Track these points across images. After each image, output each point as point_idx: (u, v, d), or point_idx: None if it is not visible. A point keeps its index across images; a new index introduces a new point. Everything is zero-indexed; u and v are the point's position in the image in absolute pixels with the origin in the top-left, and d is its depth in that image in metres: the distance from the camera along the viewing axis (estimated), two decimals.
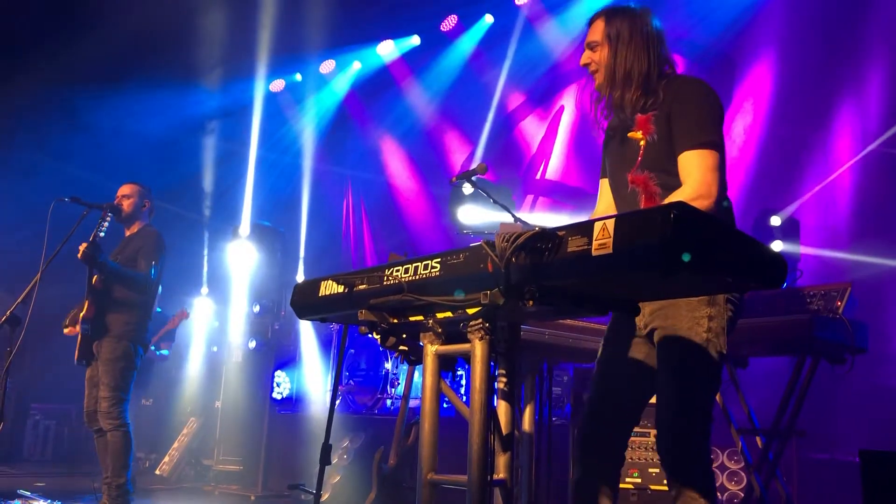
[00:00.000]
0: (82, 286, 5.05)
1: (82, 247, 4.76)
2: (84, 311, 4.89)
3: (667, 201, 2.39)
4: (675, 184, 2.44)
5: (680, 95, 2.49)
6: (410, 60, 9.09)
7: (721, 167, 2.41)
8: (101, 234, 4.87)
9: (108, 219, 4.93)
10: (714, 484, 2.44)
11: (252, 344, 7.39)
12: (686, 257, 1.68)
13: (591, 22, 2.66)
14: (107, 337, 4.89)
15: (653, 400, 2.52)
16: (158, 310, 6.07)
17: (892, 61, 5.86)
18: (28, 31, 8.05)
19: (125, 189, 5.24)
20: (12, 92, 8.10)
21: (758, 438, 3.85)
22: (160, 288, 5.27)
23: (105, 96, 8.43)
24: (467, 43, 8.65)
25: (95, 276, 4.92)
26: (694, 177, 2.38)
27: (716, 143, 2.41)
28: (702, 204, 2.29)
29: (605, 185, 2.78)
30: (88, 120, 8.52)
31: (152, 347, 7.57)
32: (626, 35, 2.55)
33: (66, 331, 5.27)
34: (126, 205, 5.18)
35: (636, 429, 4.26)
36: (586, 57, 2.66)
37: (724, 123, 2.51)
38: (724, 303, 2.44)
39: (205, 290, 9.31)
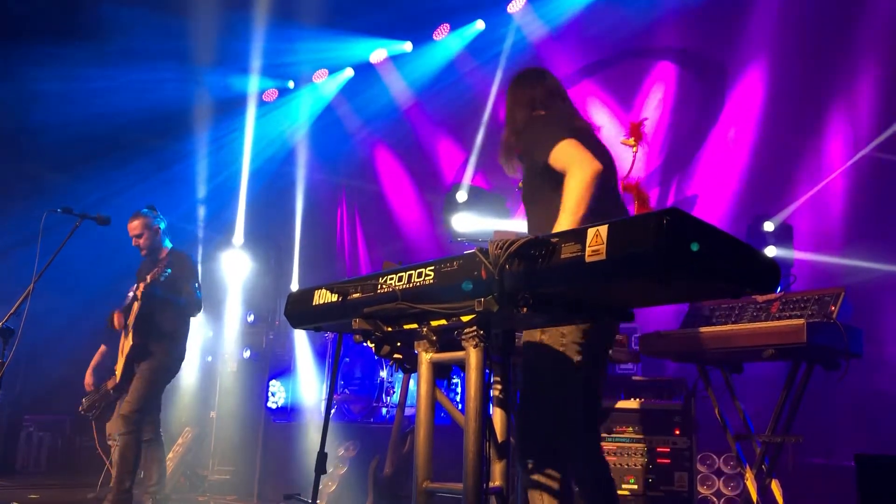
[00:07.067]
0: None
1: (141, 286, 4.86)
2: (113, 382, 5.13)
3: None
4: None
5: None
6: (403, 68, 9.10)
7: None
8: (163, 278, 4.91)
9: (169, 269, 4.98)
10: (556, 466, 2.63)
11: (246, 353, 7.37)
12: (695, 246, 1.68)
13: None
14: (150, 359, 5.02)
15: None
16: None
17: (882, 66, 5.88)
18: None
19: (134, 228, 5.21)
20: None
21: (754, 443, 3.85)
22: None
23: (97, 96, 8.41)
24: (460, 51, 8.66)
25: (125, 321, 5.03)
26: None
27: None
28: None
29: None
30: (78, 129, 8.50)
31: None
32: None
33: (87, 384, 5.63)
34: (143, 243, 5.19)
35: (633, 435, 4.29)
36: None
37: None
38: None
39: None
